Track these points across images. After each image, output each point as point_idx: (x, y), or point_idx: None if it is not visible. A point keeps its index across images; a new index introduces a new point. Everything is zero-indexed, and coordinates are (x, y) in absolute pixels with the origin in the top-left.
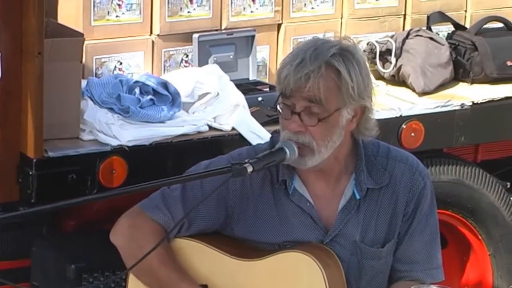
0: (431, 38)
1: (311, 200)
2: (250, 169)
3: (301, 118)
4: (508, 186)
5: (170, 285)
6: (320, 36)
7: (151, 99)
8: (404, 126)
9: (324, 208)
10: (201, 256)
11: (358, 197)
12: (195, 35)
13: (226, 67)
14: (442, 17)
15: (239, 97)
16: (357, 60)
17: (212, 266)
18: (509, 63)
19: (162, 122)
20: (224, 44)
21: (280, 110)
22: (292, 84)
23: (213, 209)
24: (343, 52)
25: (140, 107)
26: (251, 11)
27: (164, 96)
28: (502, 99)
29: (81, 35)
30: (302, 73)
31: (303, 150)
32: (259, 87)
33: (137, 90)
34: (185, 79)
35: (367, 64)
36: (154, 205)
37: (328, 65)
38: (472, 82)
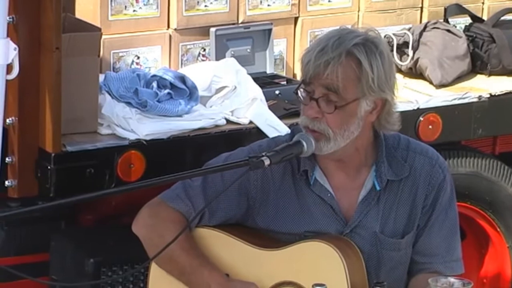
0: (448, 31)
1: (331, 191)
2: (267, 162)
3: (318, 105)
4: None
5: (192, 272)
6: (348, 26)
7: (168, 93)
8: (421, 118)
9: (344, 199)
10: (222, 245)
11: (378, 188)
12: (212, 29)
13: (243, 60)
14: (459, 9)
15: (257, 91)
16: (381, 52)
17: (233, 255)
18: None
19: (180, 116)
20: (241, 38)
21: (301, 96)
22: (312, 70)
23: (234, 199)
24: (367, 43)
25: (158, 101)
26: (268, 5)
27: (182, 90)
28: None
29: (99, 29)
30: (322, 60)
31: (318, 136)
32: (276, 81)
33: (154, 84)
34: (202, 73)
35: (392, 58)
36: (175, 195)
37: (348, 54)
38: (490, 74)
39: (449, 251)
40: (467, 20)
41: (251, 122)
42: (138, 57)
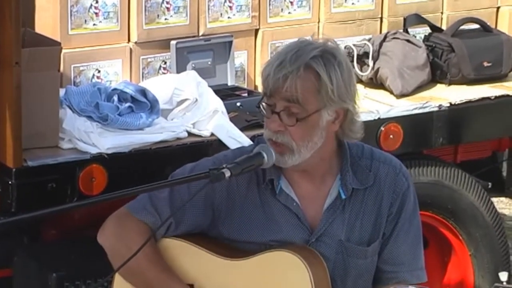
0: (408, 41)
1: (297, 200)
2: (228, 174)
3: (280, 118)
4: (490, 186)
5: (159, 285)
6: (307, 37)
7: (129, 107)
8: (382, 128)
9: (310, 208)
10: (187, 256)
11: (343, 196)
12: (173, 42)
13: (204, 73)
14: (418, 19)
15: (218, 103)
16: (339, 62)
17: (198, 265)
18: (485, 64)
19: (141, 129)
20: (202, 50)
21: (263, 109)
22: (271, 84)
23: (200, 209)
24: (325, 54)
25: (119, 114)
26: (228, 17)
27: (143, 103)
28: (479, 99)
29: (59, 44)
30: (280, 74)
31: (283, 149)
32: (237, 93)
33: (115, 98)
34: (163, 86)
35: (351, 67)
36: (141, 206)
37: (307, 67)
38: (450, 84)
39: (415, 259)
40: (427, 30)
41: (212, 134)
42: (99, 71)
